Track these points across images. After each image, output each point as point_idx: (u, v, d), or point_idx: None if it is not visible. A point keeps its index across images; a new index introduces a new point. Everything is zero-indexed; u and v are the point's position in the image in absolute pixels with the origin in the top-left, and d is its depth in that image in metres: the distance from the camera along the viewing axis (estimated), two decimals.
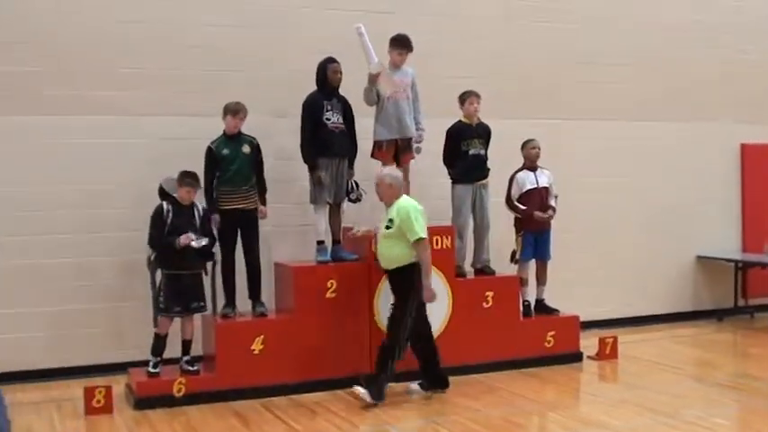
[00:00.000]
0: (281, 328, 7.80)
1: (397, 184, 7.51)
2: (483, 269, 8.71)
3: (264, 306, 7.98)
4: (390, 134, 8.16)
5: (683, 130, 10.90)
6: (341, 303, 7.88)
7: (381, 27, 8.38)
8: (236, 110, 7.89)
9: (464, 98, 8.67)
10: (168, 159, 8.10)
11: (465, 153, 8.60)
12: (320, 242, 8.16)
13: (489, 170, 8.73)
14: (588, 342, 8.94)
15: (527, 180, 8.87)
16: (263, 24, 8.91)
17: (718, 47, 11.04)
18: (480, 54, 9.75)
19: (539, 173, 8.92)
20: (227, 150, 7.85)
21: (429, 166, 8.72)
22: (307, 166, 8.08)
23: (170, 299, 7.46)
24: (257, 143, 8.02)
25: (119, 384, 7.71)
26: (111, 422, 7.02)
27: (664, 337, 10.13)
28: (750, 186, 11.38)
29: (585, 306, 9.47)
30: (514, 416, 6.96)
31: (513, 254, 8.94)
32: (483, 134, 8.72)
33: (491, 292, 8.45)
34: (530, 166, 8.94)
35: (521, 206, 8.85)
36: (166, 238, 7.41)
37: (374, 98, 8.15)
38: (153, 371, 7.46)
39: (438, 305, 8.00)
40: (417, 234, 7.27)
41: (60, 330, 8.31)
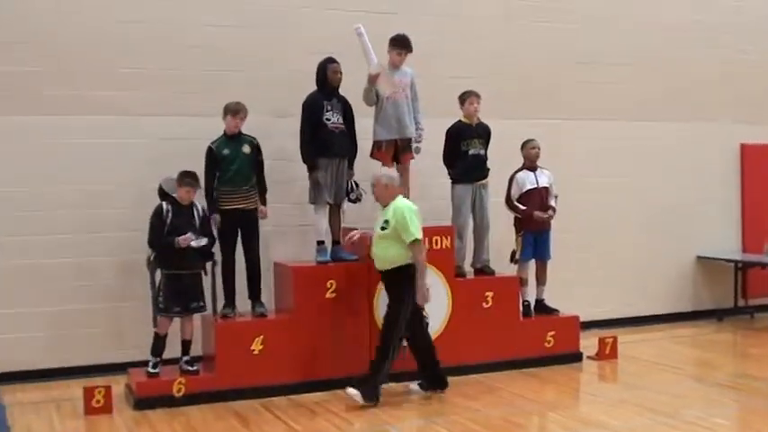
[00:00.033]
0: (280, 328, 7.80)
1: (393, 184, 7.50)
2: (483, 269, 8.71)
3: (264, 306, 7.98)
4: (390, 134, 8.16)
5: (682, 130, 10.91)
6: (340, 303, 7.88)
7: (382, 27, 8.37)
8: (236, 110, 7.89)
9: (464, 98, 8.66)
10: (168, 159, 8.09)
11: (465, 153, 8.60)
12: (320, 242, 8.16)
13: (489, 170, 8.73)
14: (588, 342, 8.94)
15: (527, 180, 8.88)
16: (263, 24, 8.91)
17: (718, 47, 11.04)
18: (480, 54, 9.75)
19: (539, 173, 8.92)
20: (227, 150, 7.85)
21: (429, 166, 8.71)
22: (306, 166, 8.08)
23: (169, 299, 7.46)
24: (257, 143, 8.01)
25: (118, 384, 7.70)
26: (111, 422, 7.01)
27: (663, 337, 10.13)
28: (750, 186, 11.38)
29: (585, 306, 9.47)
30: (514, 416, 6.96)
31: (513, 254, 8.94)
32: (483, 134, 8.71)
33: (491, 293, 8.44)
34: (530, 166, 8.94)
35: (520, 206, 8.85)
36: (166, 238, 7.41)
37: (373, 98, 8.14)
38: (152, 371, 7.46)
39: (438, 305, 8.01)
40: (413, 235, 7.26)
41: (60, 330, 8.31)
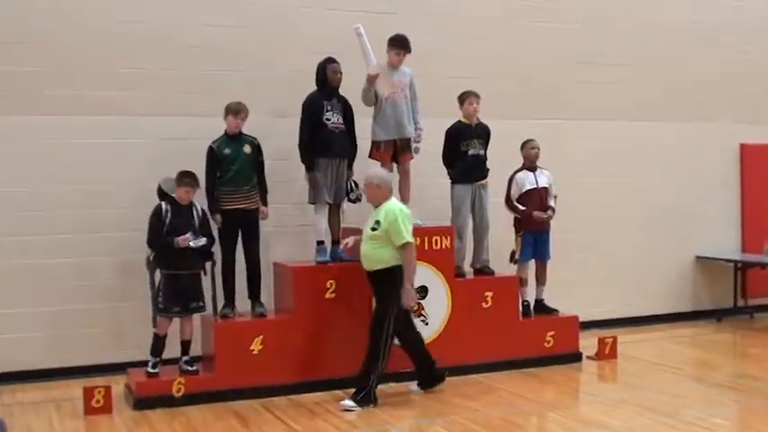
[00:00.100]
0: (280, 328, 7.80)
1: (385, 185, 7.49)
2: (482, 269, 8.70)
3: (264, 306, 7.98)
4: (389, 135, 8.16)
5: (682, 130, 10.90)
6: (340, 303, 7.88)
7: (382, 27, 8.38)
8: (237, 110, 7.89)
9: (463, 98, 8.66)
10: (168, 159, 8.09)
11: (464, 153, 8.59)
12: (320, 242, 8.16)
13: (489, 170, 8.73)
14: (588, 342, 8.94)
15: (526, 180, 8.87)
16: (263, 24, 8.91)
17: (718, 47, 11.04)
18: (480, 54, 9.75)
19: (538, 173, 8.92)
20: (228, 150, 7.85)
21: (429, 167, 8.71)
22: (304, 165, 8.08)
23: (169, 299, 7.46)
24: (258, 143, 8.02)
25: (118, 384, 7.71)
26: (111, 422, 7.01)
27: (663, 337, 10.13)
28: (749, 186, 11.37)
29: (585, 306, 9.47)
30: (514, 416, 6.96)
31: (513, 254, 8.94)
32: (482, 134, 8.71)
33: (490, 293, 8.44)
34: (529, 166, 8.94)
35: (520, 206, 8.85)
36: (165, 238, 7.41)
37: (372, 99, 8.14)
38: (152, 371, 7.46)
39: (437, 305, 8.01)
40: (404, 238, 7.26)
41: (60, 330, 8.31)
